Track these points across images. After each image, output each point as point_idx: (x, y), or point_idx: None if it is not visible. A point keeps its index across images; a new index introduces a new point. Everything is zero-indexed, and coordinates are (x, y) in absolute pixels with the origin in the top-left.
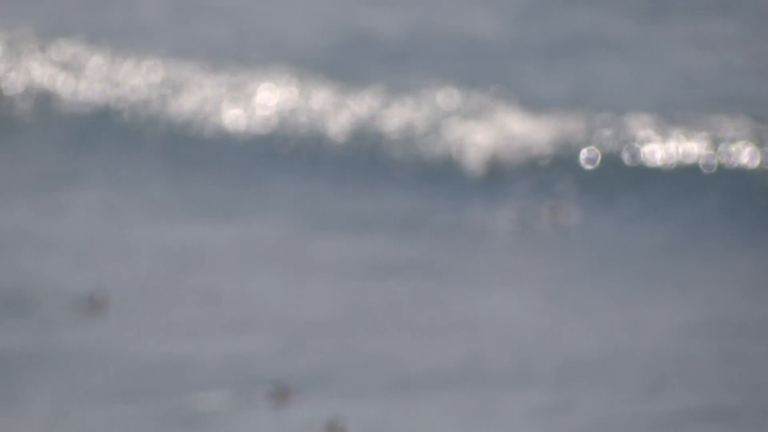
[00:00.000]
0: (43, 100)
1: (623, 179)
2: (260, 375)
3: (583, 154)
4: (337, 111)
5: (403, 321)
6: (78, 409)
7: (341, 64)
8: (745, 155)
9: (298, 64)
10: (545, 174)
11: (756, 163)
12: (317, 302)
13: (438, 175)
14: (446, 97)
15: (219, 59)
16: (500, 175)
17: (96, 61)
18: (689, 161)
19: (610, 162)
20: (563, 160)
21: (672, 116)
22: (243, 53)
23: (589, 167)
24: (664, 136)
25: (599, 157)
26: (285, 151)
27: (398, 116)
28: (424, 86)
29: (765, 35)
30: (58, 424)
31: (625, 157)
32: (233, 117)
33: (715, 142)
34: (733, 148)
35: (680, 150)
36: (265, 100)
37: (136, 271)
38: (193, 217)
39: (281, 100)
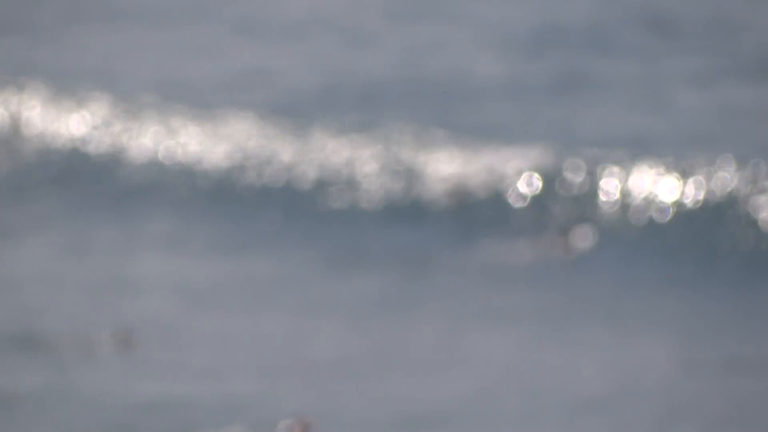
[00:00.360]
0: (34, 138)
1: (627, 215)
2: (270, 413)
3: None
4: (315, 150)
5: (412, 358)
6: None
7: (334, 104)
8: (742, 193)
9: (281, 103)
10: (540, 208)
11: (749, 201)
12: (327, 340)
13: (428, 212)
14: (425, 135)
15: (211, 100)
16: (491, 209)
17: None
18: (692, 199)
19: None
20: (553, 194)
21: (664, 152)
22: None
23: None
24: (658, 172)
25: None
26: (265, 189)
27: (373, 155)
28: (404, 124)
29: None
30: None
31: (617, 192)
32: (230, 156)
33: (715, 180)
34: (731, 185)
35: (683, 188)
36: (254, 141)
37: (146, 310)
38: (202, 254)
39: (262, 141)
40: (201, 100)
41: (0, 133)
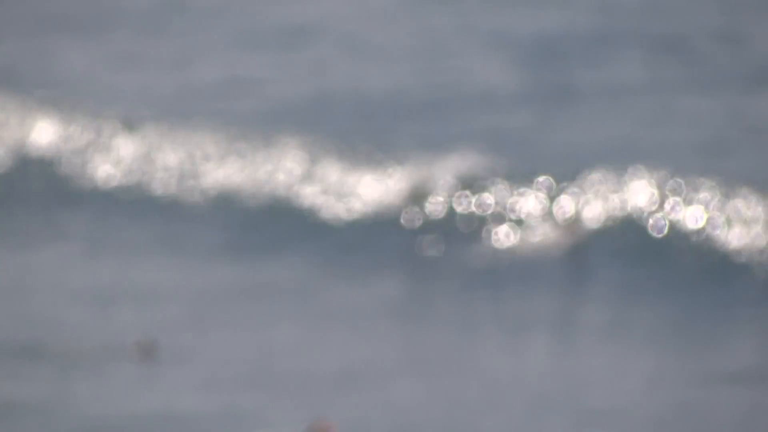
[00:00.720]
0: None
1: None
2: (276, 423)
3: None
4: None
5: (417, 367)
6: None
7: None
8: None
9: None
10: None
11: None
12: (332, 348)
13: (426, 219)
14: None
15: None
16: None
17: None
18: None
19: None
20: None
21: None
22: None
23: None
24: (650, 184)
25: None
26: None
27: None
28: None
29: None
30: None
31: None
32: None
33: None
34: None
35: (677, 200)
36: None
37: (149, 320)
38: (204, 264)
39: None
40: (196, 111)
41: None
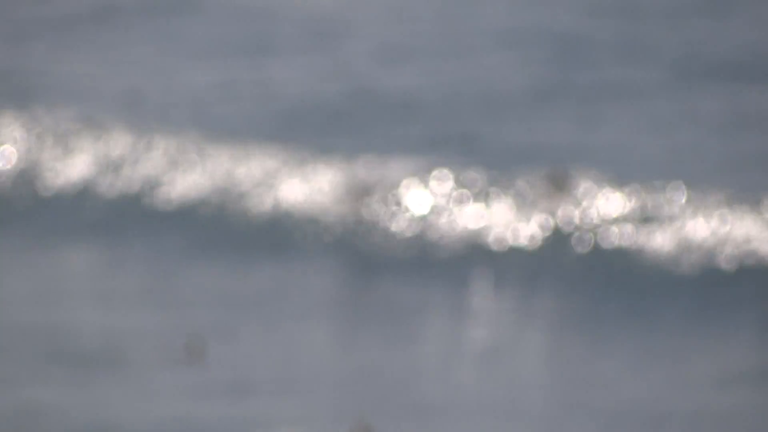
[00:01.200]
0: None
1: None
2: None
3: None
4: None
5: (441, 366)
6: None
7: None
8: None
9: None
10: None
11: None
12: (354, 350)
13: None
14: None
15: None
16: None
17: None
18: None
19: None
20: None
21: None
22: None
23: None
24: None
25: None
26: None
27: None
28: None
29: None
30: None
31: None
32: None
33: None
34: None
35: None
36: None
37: (170, 324)
38: (216, 267)
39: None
40: (192, 115)
41: None
